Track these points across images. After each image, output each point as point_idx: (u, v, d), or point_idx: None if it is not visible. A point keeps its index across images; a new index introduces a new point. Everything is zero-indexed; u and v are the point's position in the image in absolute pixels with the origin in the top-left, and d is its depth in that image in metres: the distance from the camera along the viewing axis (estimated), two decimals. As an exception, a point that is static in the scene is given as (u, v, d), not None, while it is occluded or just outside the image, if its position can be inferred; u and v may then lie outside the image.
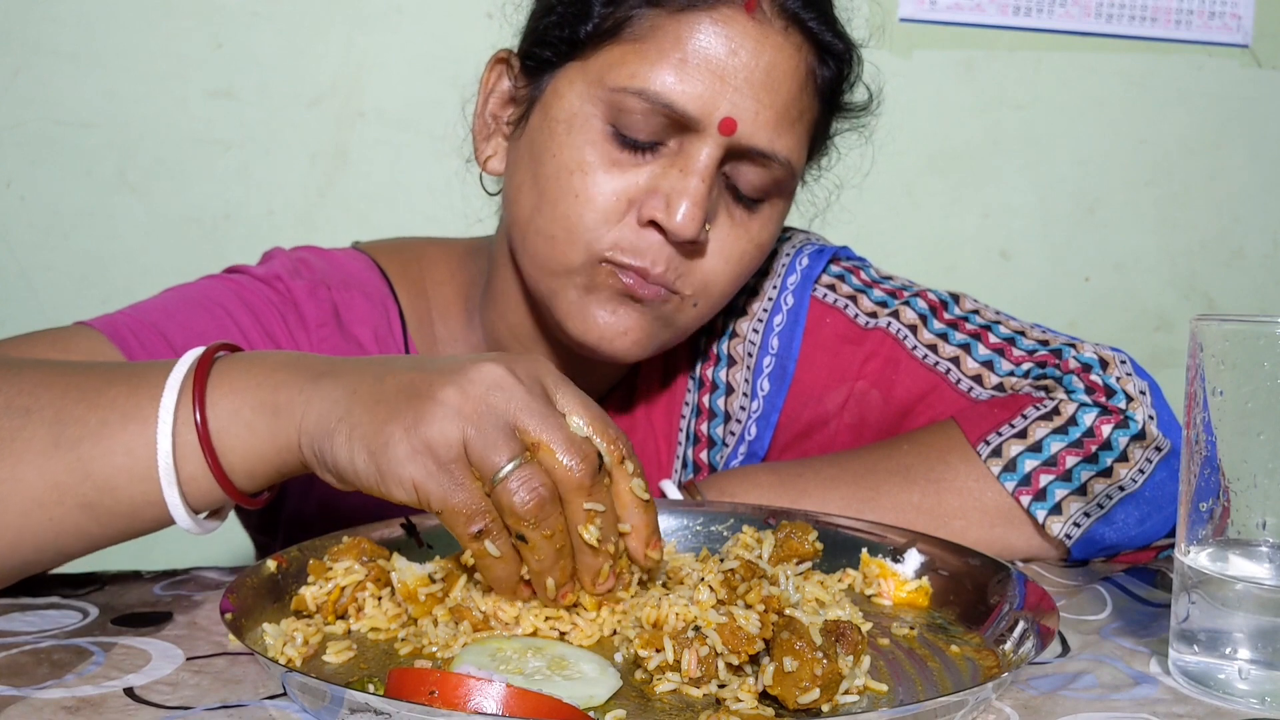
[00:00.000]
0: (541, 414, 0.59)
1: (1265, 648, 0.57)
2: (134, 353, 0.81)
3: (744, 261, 0.90)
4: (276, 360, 0.65)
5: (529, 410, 0.59)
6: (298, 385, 0.62)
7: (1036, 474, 0.84)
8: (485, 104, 0.94)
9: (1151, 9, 1.99)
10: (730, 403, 0.99)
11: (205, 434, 0.62)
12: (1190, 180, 2.07)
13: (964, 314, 0.97)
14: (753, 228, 0.89)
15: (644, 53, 0.83)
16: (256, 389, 0.63)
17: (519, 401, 0.59)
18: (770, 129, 0.84)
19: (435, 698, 0.48)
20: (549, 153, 0.86)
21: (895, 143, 1.00)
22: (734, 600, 0.60)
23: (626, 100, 0.83)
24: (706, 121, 0.82)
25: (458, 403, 0.58)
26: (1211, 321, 0.58)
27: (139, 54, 1.72)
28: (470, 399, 0.58)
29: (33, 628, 0.64)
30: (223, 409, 0.63)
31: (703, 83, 0.82)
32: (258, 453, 0.63)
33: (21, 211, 1.73)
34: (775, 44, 0.84)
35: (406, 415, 0.58)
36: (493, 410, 0.58)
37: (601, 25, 0.85)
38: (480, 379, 0.59)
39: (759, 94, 0.83)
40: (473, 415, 0.58)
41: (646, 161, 0.84)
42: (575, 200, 0.84)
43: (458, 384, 0.59)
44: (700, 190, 0.83)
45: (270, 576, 0.67)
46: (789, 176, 0.88)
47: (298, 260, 0.96)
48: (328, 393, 0.61)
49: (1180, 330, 2.09)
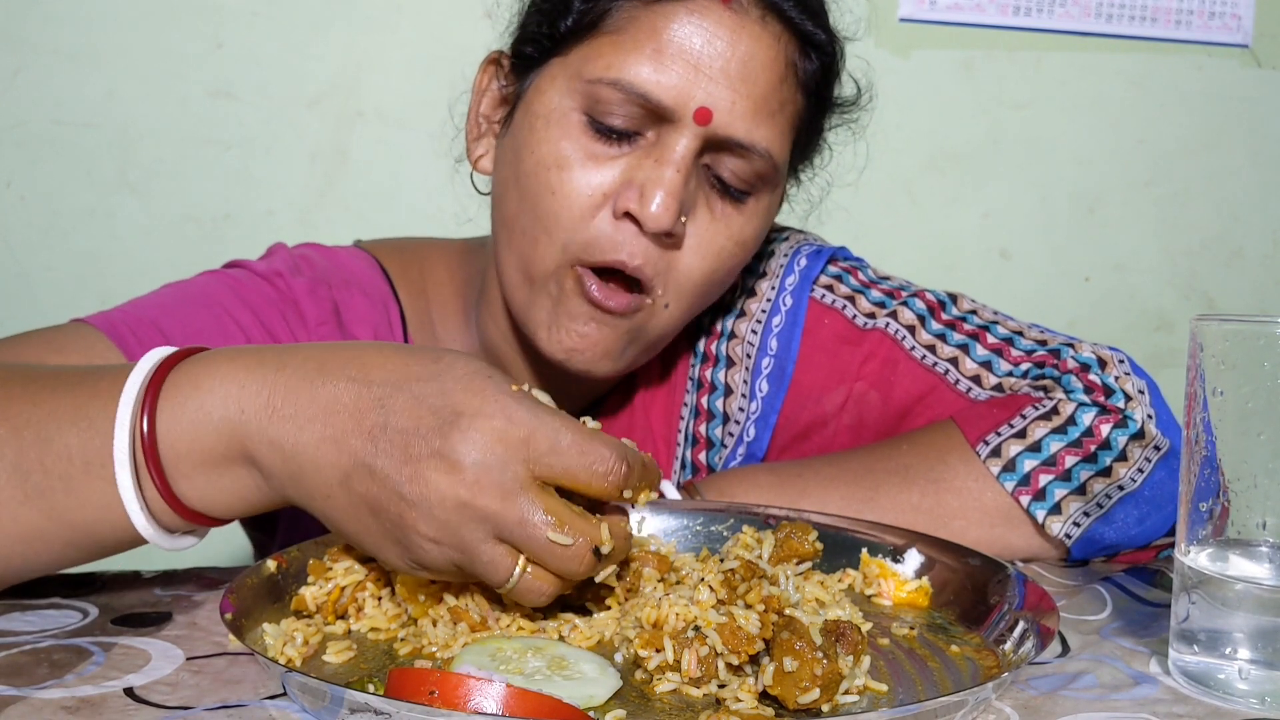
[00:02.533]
0: (518, 527, 0.55)
1: (1265, 648, 0.57)
2: (132, 351, 0.80)
3: (721, 257, 0.88)
4: (229, 405, 0.59)
5: (504, 528, 0.56)
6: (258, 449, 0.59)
7: (1036, 474, 0.84)
8: (478, 104, 0.94)
9: (1151, 9, 1.99)
10: (729, 404, 0.99)
11: (173, 498, 0.60)
12: (1190, 180, 2.07)
13: (962, 314, 0.97)
14: (735, 223, 0.88)
15: (620, 44, 0.83)
16: (213, 451, 0.59)
17: (491, 524, 0.55)
18: (748, 119, 0.83)
19: (435, 698, 0.48)
20: (528, 149, 0.86)
21: (894, 142, 1.00)
22: (734, 600, 0.60)
23: (602, 91, 0.82)
24: (682, 111, 0.82)
25: (435, 535, 0.56)
26: (1211, 321, 0.58)
27: (139, 54, 1.72)
28: (446, 531, 0.56)
29: (33, 628, 0.64)
30: (181, 468, 0.60)
31: (678, 73, 0.82)
32: (234, 508, 0.62)
33: (21, 211, 1.73)
34: (752, 33, 0.83)
35: (391, 544, 0.58)
36: (469, 544, 0.56)
37: (581, 20, 0.85)
38: (442, 504, 0.55)
39: (735, 84, 0.83)
40: (455, 547, 0.56)
41: (624, 153, 0.84)
42: (552, 197, 0.84)
43: (424, 514, 0.55)
44: (675, 180, 0.82)
45: (270, 576, 0.67)
46: (771, 169, 0.87)
47: (299, 257, 0.96)
48: (295, 485, 0.59)
49: (1180, 330, 2.09)
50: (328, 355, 0.60)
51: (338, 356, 0.60)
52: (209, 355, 0.62)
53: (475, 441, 0.55)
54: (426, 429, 0.55)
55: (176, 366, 0.61)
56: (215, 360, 0.61)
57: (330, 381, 0.58)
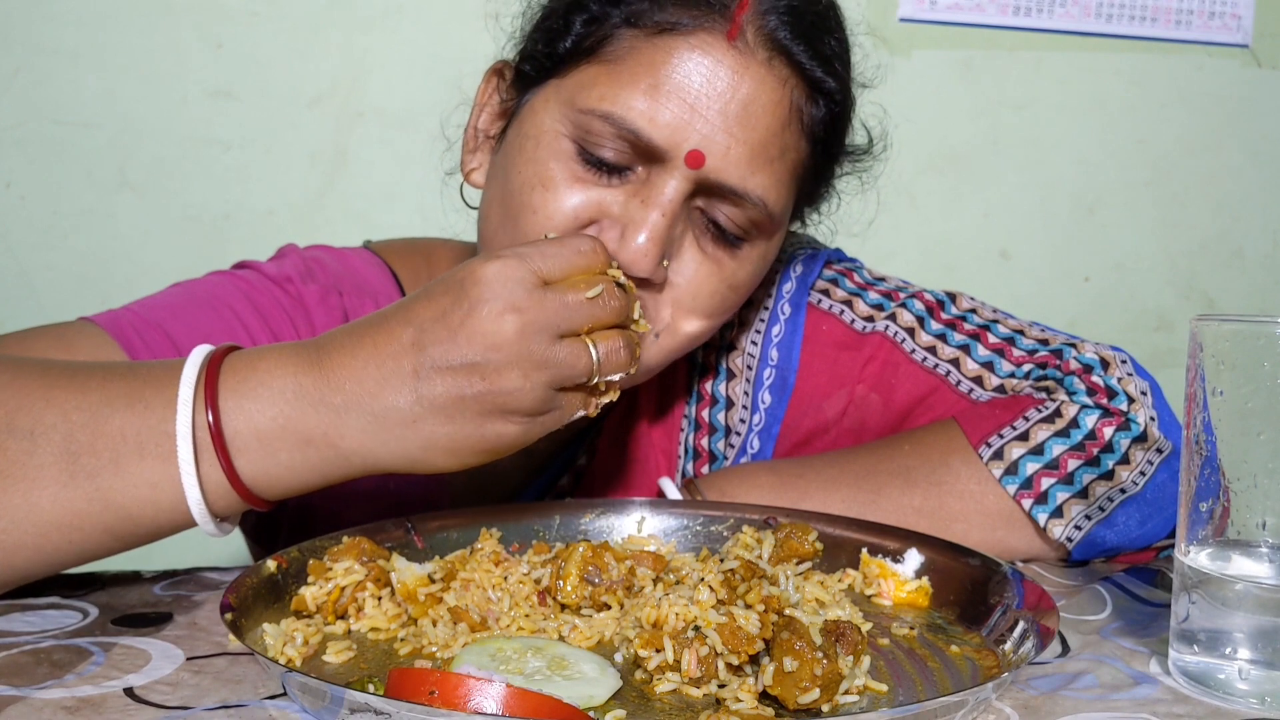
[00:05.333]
0: (562, 311, 0.65)
1: (1265, 648, 0.57)
2: (137, 352, 0.80)
3: (714, 300, 0.84)
4: (285, 382, 0.65)
5: (556, 323, 0.65)
6: (324, 420, 0.64)
7: (1038, 477, 0.84)
8: (477, 117, 0.92)
9: (1151, 9, 1.99)
10: (730, 417, 0.98)
11: (234, 476, 0.63)
12: (1190, 180, 2.07)
13: (961, 313, 0.96)
14: (727, 266, 0.83)
15: (617, 75, 0.79)
16: (279, 419, 0.64)
17: (547, 327, 0.64)
18: (742, 166, 0.79)
19: (435, 698, 0.48)
20: (515, 168, 0.82)
21: (894, 143, 0.99)
22: (734, 600, 0.60)
23: (593, 123, 0.79)
24: (673, 153, 0.78)
25: (521, 374, 0.64)
26: (1211, 321, 0.58)
27: (139, 54, 1.72)
28: (523, 361, 0.64)
29: (33, 628, 0.64)
30: (248, 447, 0.63)
31: (672, 112, 0.77)
32: (297, 483, 0.66)
33: (21, 211, 1.73)
34: (756, 76, 0.78)
35: (496, 422, 0.65)
36: (547, 357, 0.64)
37: (579, 44, 0.81)
38: (506, 342, 0.63)
39: (732, 128, 0.78)
40: (540, 367, 0.65)
41: (612, 185, 0.80)
42: (533, 216, 0.80)
43: (499, 364, 0.63)
44: (659, 225, 0.78)
45: (270, 576, 0.67)
46: (766, 219, 0.82)
47: (311, 261, 0.94)
48: (376, 435, 0.65)
49: (1180, 330, 2.09)
50: (354, 324, 0.67)
51: (363, 323, 0.67)
52: (254, 349, 0.67)
53: (488, 284, 0.64)
54: (449, 304, 0.64)
55: (229, 356, 0.66)
56: (262, 351, 0.66)
57: (362, 338, 0.65)
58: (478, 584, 0.65)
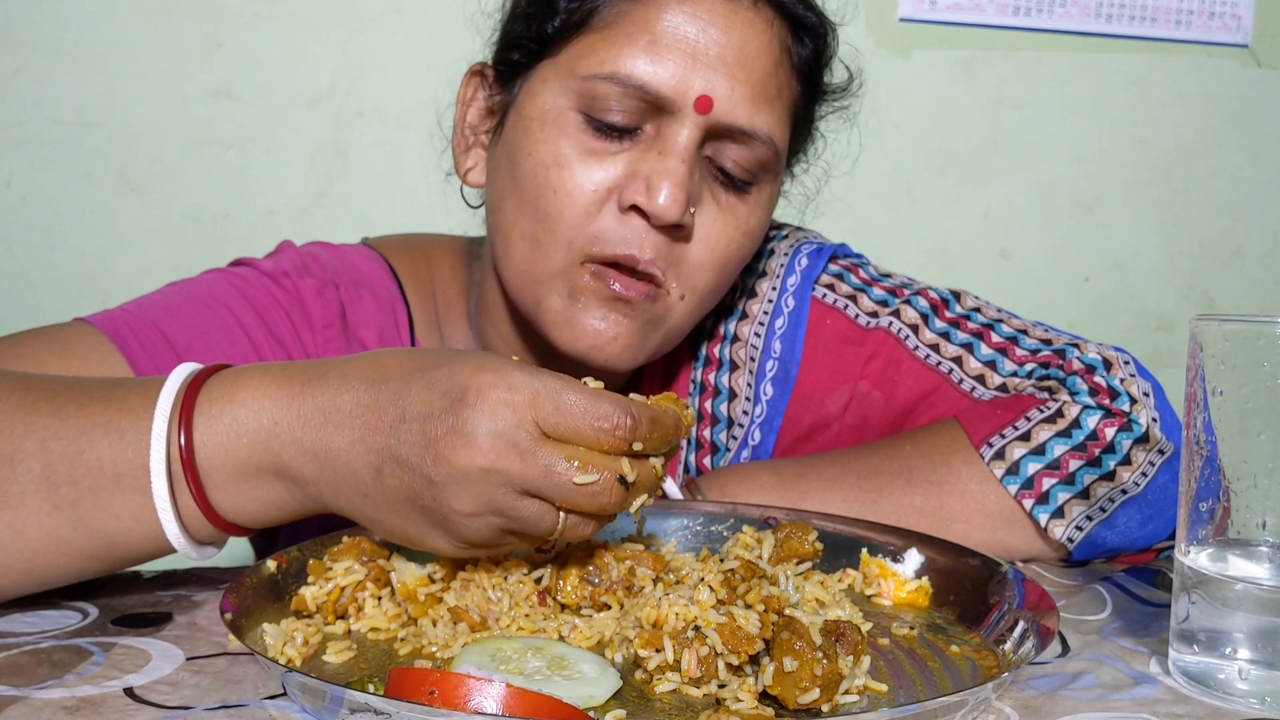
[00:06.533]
0: (544, 478, 0.57)
1: (1265, 648, 0.57)
2: (133, 353, 0.80)
3: (731, 248, 0.88)
4: (262, 418, 0.61)
5: (531, 483, 0.57)
6: (295, 460, 0.61)
7: (1039, 477, 0.84)
8: (464, 117, 0.93)
9: (1151, 9, 1.99)
10: (732, 408, 0.98)
11: (209, 509, 0.62)
12: (1190, 180, 2.07)
13: (965, 312, 0.96)
14: (741, 213, 0.88)
15: (613, 39, 0.82)
16: (253, 458, 0.61)
17: (519, 483, 0.57)
18: (748, 105, 0.83)
19: (435, 698, 0.48)
20: (524, 152, 0.85)
21: (894, 142, 0.99)
22: (734, 600, 0.60)
23: (599, 87, 0.82)
24: (681, 101, 0.82)
25: (471, 509, 0.58)
26: (1211, 321, 0.58)
27: (139, 54, 1.72)
28: (479, 501, 0.57)
29: (33, 628, 0.64)
30: (224, 482, 0.62)
31: (675, 63, 0.81)
32: (274, 515, 0.64)
33: (21, 211, 1.73)
34: (746, 20, 0.83)
35: (436, 530, 0.60)
36: (506, 507, 0.58)
37: (569, 19, 0.84)
38: (468, 477, 0.57)
39: (733, 71, 0.82)
40: (495, 514, 0.58)
41: (624, 149, 0.83)
42: (554, 195, 0.83)
43: (454, 491, 0.57)
44: (681, 171, 0.82)
45: (270, 576, 0.67)
46: (773, 156, 0.86)
47: (308, 256, 0.94)
48: (333, 489, 0.61)
49: (1180, 330, 2.09)
50: (348, 365, 0.62)
51: (357, 364, 0.62)
52: (237, 371, 0.64)
53: (484, 411, 0.57)
54: (439, 410, 0.57)
55: (208, 381, 0.63)
56: (244, 376, 0.63)
57: (352, 387, 0.60)
58: (478, 584, 0.65)
